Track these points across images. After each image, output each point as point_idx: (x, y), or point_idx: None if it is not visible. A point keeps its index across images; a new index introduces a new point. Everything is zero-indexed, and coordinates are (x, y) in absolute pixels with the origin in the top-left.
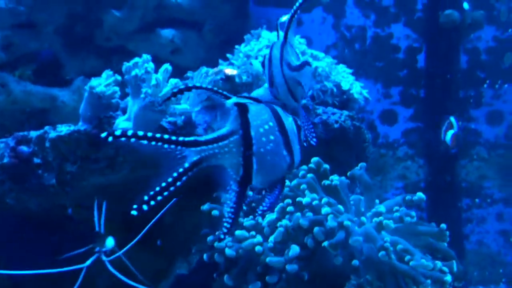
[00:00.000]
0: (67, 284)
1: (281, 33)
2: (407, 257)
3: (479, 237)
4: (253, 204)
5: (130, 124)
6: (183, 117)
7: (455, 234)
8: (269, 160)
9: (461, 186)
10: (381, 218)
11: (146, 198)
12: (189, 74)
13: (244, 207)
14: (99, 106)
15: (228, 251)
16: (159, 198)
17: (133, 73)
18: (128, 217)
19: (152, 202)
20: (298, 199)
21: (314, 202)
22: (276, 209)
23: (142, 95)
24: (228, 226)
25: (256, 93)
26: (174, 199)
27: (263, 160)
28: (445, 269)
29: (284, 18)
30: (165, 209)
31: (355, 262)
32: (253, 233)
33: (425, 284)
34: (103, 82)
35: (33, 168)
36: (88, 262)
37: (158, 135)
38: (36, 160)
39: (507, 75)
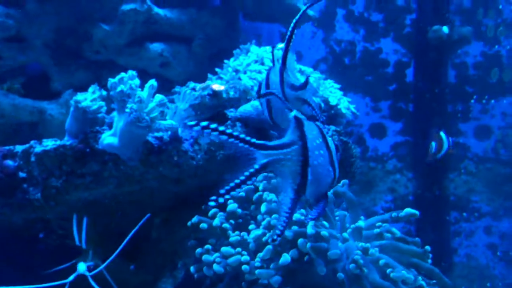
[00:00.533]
0: None
1: (278, 55)
2: (389, 270)
3: (467, 250)
4: (240, 220)
5: (116, 139)
6: (169, 132)
7: (443, 247)
8: (320, 173)
9: (449, 200)
10: (368, 245)
11: (222, 191)
12: (176, 89)
13: (233, 222)
14: (85, 121)
15: (216, 267)
16: (232, 193)
17: (118, 89)
18: (114, 231)
19: (227, 196)
20: None
21: (297, 217)
22: (263, 223)
23: (128, 110)
24: (282, 229)
25: (243, 108)
26: (148, 214)
27: (316, 172)
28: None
29: (281, 45)
30: (139, 225)
31: (340, 275)
32: (239, 249)
33: None
34: (89, 97)
35: (18, 182)
36: (71, 278)
37: (236, 133)
38: (22, 175)
39: (495, 91)
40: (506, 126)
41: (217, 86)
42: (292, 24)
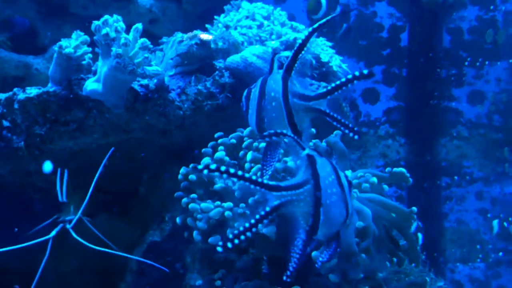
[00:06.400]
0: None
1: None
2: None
3: (458, 215)
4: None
5: (100, 85)
6: (155, 80)
7: (434, 212)
8: (333, 212)
9: (441, 165)
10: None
11: (230, 236)
12: (164, 39)
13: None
14: (69, 68)
15: (200, 224)
16: (242, 237)
17: (103, 31)
18: (101, 185)
19: (236, 241)
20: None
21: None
22: (252, 171)
23: (113, 52)
24: (293, 270)
25: (231, 59)
26: (112, 148)
27: (328, 212)
28: None
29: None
30: (106, 158)
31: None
32: (218, 202)
33: None
34: (72, 43)
35: (1, 130)
36: (53, 233)
37: (247, 175)
38: (5, 123)
39: (489, 54)
40: (500, 91)
41: (205, 36)
42: (307, 33)
